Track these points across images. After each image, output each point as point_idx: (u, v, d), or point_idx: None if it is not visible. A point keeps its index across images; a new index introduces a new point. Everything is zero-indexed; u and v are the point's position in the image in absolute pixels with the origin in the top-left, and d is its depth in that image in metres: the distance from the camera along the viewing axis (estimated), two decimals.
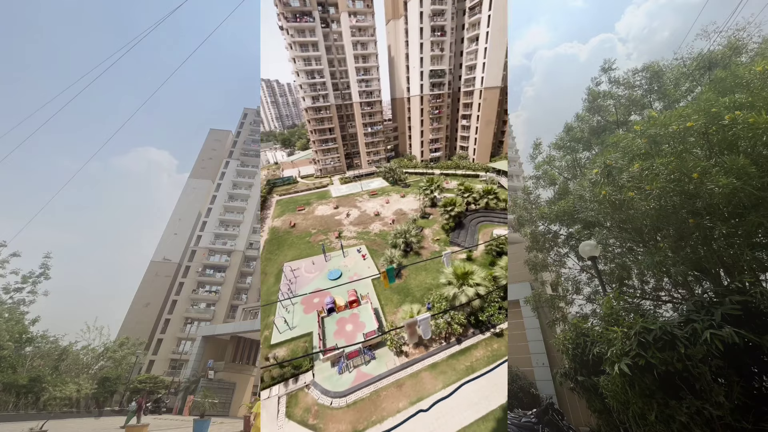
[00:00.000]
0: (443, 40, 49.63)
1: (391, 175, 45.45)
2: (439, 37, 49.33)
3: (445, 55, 50.68)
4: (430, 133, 55.23)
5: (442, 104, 53.77)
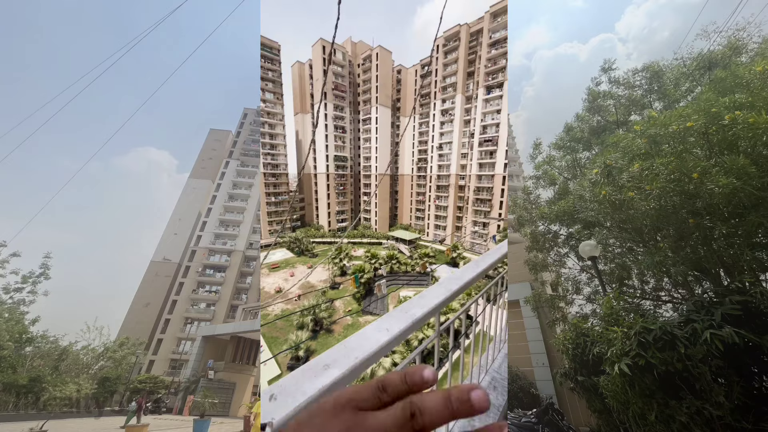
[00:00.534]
0: (344, 135, 62.04)
1: (297, 245, 44.44)
2: (341, 133, 61.55)
3: (347, 146, 63.00)
4: (336, 205, 62.35)
5: (345, 182, 63.83)
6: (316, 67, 58.13)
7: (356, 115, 66.01)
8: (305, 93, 63.61)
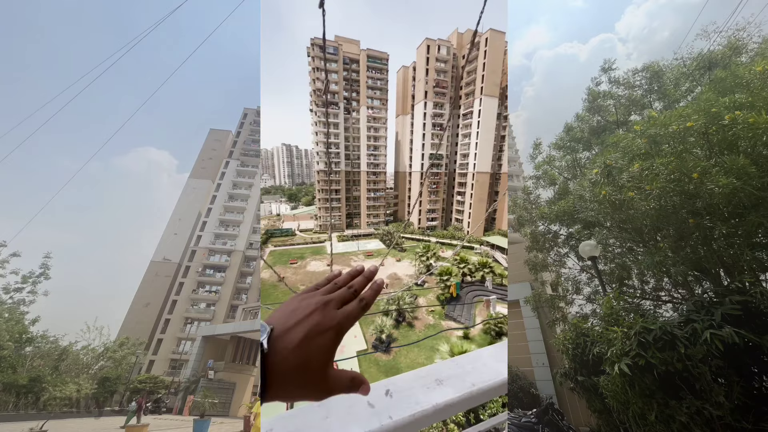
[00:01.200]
0: (441, 133, 62.42)
1: (389, 238, 45.70)
2: (438, 131, 62.12)
3: (443, 144, 64.49)
4: (428, 203, 62.61)
5: (439, 181, 64.48)
6: (419, 68, 60.79)
7: (456, 110, 64.48)
8: (407, 95, 67.36)
